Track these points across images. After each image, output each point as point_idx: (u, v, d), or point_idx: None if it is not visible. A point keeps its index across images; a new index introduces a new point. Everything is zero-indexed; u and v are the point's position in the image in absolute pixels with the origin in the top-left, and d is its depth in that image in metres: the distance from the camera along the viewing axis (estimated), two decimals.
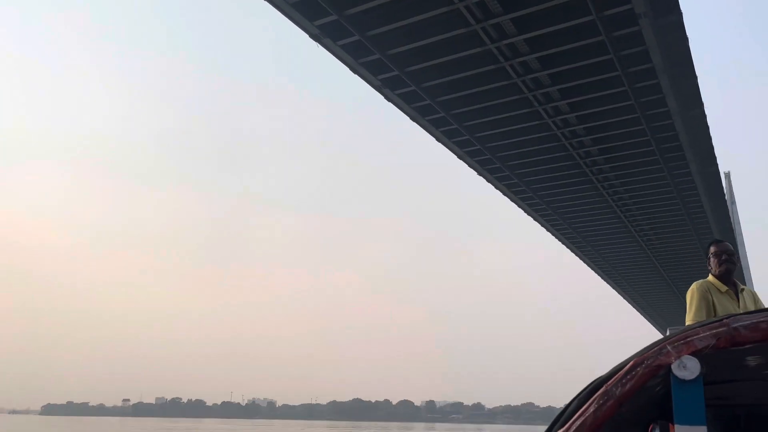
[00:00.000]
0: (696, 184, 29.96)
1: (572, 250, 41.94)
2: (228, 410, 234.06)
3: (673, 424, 2.21)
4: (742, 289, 4.94)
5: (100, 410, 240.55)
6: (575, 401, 2.47)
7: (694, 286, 5.00)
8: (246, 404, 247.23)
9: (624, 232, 37.38)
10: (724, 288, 4.88)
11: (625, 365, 2.35)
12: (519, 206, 34.64)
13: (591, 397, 2.37)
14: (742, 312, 2.34)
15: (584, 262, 44.15)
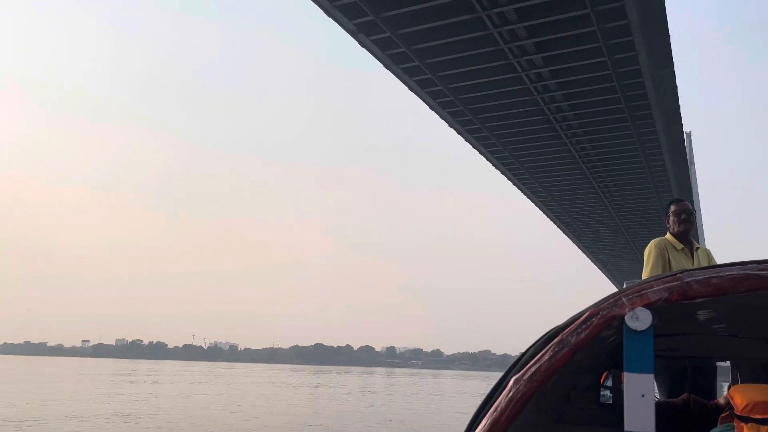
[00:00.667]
0: (660, 143, 30.52)
1: (536, 204, 42.62)
2: (189, 353, 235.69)
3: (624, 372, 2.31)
4: (697, 248, 5.11)
5: (59, 350, 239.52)
6: (532, 348, 2.55)
7: (651, 243, 5.15)
8: (208, 347, 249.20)
9: (587, 187, 38.05)
10: (680, 246, 5.04)
11: (581, 316, 2.42)
12: (487, 159, 34.83)
13: (547, 345, 2.45)
14: (695, 268, 2.42)
15: (547, 216, 44.96)
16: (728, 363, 4.39)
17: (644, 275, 5.04)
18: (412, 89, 26.54)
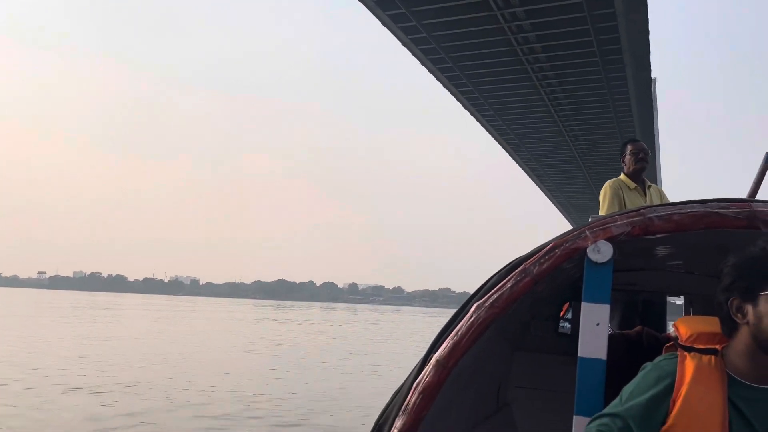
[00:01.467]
0: (629, 88, 30.71)
1: (503, 146, 42.81)
2: (150, 286, 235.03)
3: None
4: (650, 186, 5.25)
5: (14, 281, 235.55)
6: (495, 277, 2.59)
7: (607, 184, 5.29)
8: (169, 281, 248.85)
9: (554, 130, 38.31)
10: (633, 185, 5.18)
11: (545, 247, 2.46)
12: (457, 99, 34.61)
13: (510, 274, 2.49)
14: (658, 204, 2.47)
15: (513, 157, 45.28)
16: (682, 299, 4.58)
17: (601, 214, 5.16)
18: (384, 23, 25.87)
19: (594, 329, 2.29)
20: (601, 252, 2.31)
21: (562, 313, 4.56)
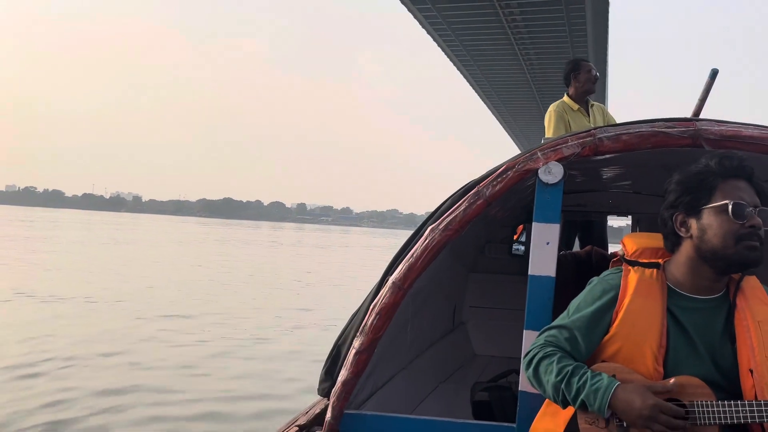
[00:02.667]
0: (586, 13, 30.43)
1: (459, 69, 42.24)
2: (89, 202, 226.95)
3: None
4: (592, 105, 5.31)
5: None
6: (449, 200, 2.61)
7: (551, 107, 5.32)
8: (110, 197, 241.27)
9: (510, 55, 37.90)
10: (576, 106, 5.22)
11: (498, 169, 2.48)
12: (415, 17, 33.54)
13: (464, 196, 2.51)
14: (608, 125, 2.50)
15: (468, 81, 44.89)
16: (624, 221, 4.76)
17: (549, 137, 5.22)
18: None
19: (544, 248, 2.36)
20: (552, 173, 2.34)
21: (516, 236, 4.69)
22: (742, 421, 1.65)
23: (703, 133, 2.25)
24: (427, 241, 2.49)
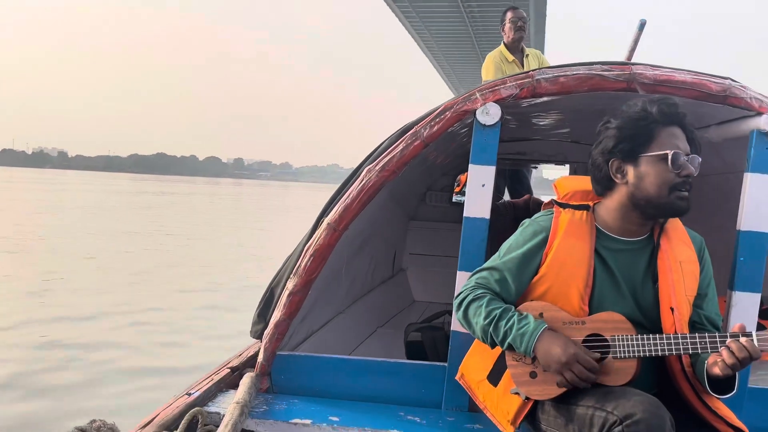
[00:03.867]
0: None
1: (400, 18, 41.53)
2: (9, 159, 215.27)
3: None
4: (527, 55, 5.36)
5: None
6: (387, 141, 2.57)
7: (488, 56, 5.35)
8: (32, 153, 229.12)
9: (453, 6, 37.43)
10: (511, 57, 5.27)
11: (436, 110, 2.45)
12: None
13: (401, 137, 2.47)
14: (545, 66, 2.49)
15: (410, 32, 44.27)
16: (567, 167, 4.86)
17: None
18: None
19: (480, 190, 2.36)
20: (489, 114, 2.33)
21: (459, 188, 4.73)
22: (659, 353, 1.71)
23: (637, 76, 2.27)
24: (363, 182, 2.44)
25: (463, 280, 2.26)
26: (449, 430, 2.15)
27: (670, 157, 1.76)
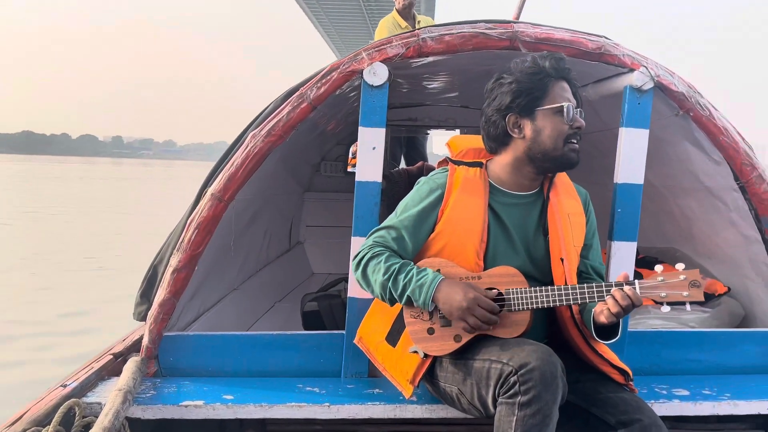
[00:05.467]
0: None
1: None
2: None
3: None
4: (419, 21, 5.43)
5: None
6: (271, 105, 2.45)
7: (381, 22, 5.37)
8: None
9: None
10: (404, 24, 5.31)
11: (322, 71, 2.36)
12: None
13: (287, 100, 2.36)
14: (432, 24, 2.47)
15: (300, 6, 43.00)
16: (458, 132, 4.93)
17: None
18: None
19: (371, 153, 2.31)
20: (377, 74, 2.27)
21: (354, 160, 4.68)
22: (551, 304, 1.76)
23: (519, 35, 2.30)
24: (248, 148, 2.31)
25: (357, 246, 2.22)
26: (349, 398, 2.11)
27: (565, 109, 1.81)
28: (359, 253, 1.92)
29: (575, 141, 1.85)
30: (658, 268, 1.70)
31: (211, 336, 2.33)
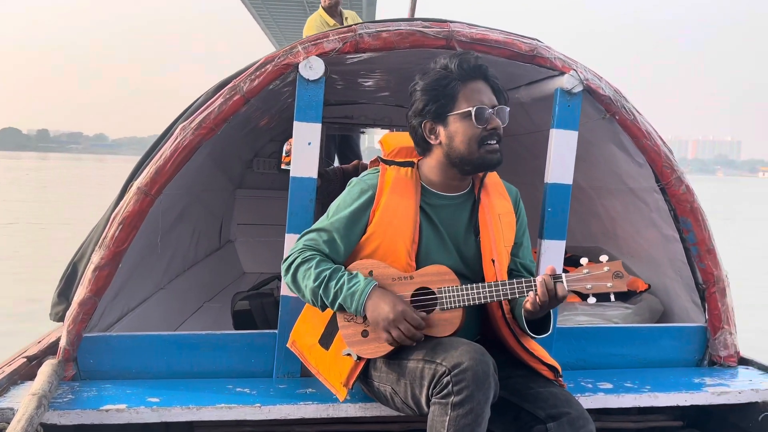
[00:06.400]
0: None
1: None
2: None
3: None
4: (347, 18, 5.42)
5: None
6: (202, 97, 2.37)
7: (309, 19, 5.33)
8: None
9: None
10: (332, 21, 5.29)
11: (256, 63, 2.30)
12: None
13: (218, 92, 2.29)
14: (369, 21, 2.45)
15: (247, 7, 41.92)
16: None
17: None
18: None
19: (306, 149, 2.27)
20: (313, 68, 2.23)
21: (289, 158, 4.59)
22: (482, 301, 1.78)
23: (455, 34, 2.31)
24: (177, 140, 2.23)
25: (291, 242, 2.18)
26: (280, 398, 2.07)
27: (473, 113, 1.80)
28: (289, 256, 1.89)
29: (493, 142, 1.83)
30: (584, 260, 1.75)
31: (136, 337, 2.23)
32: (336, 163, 5.69)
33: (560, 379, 1.89)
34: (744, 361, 2.64)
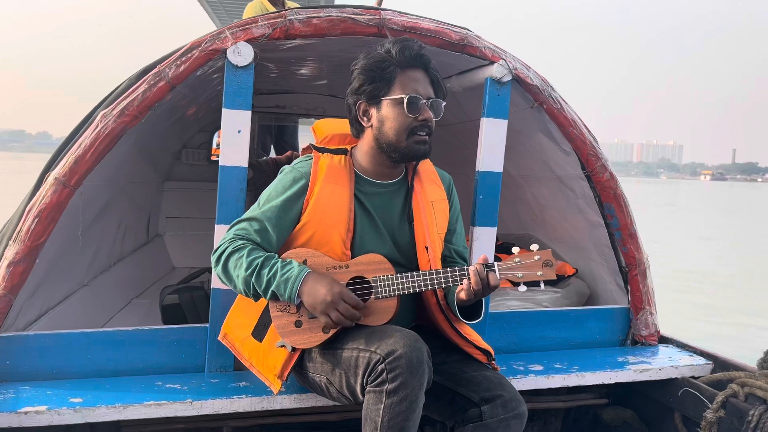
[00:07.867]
0: None
1: None
2: None
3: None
4: (289, 8, 5.32)
5: None
6: (125, 82, 2.26)
7: (248, 6, 5.16)
8: None
9: None
10: (272, 9, 5.17)
11: (182, 48, 2.21)
12: None
13: (142, 78, 2.19)
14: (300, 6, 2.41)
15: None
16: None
17: None
18: None
19: (236, 137, 2.21)
20: (241, 54, 2.17)
21: (218, 151, 4.46)
22: (417, 290, 1.78)
23: (387, 22, 2.30)
24: (98, 128, 2.11)
25: (221, 233, 2.12)
26: (213, 393, 2.01)
27: (405, 101, 1.80)
28: (219, 246, 1.83)
29: (422, 133, 1.82)
30: (515, 250, 1.78)
31: (56, 335, 2.11)
32: (272, 154, 5.57)
33: (493, 362, 1.93)
34: (664, 340, 2.77)
